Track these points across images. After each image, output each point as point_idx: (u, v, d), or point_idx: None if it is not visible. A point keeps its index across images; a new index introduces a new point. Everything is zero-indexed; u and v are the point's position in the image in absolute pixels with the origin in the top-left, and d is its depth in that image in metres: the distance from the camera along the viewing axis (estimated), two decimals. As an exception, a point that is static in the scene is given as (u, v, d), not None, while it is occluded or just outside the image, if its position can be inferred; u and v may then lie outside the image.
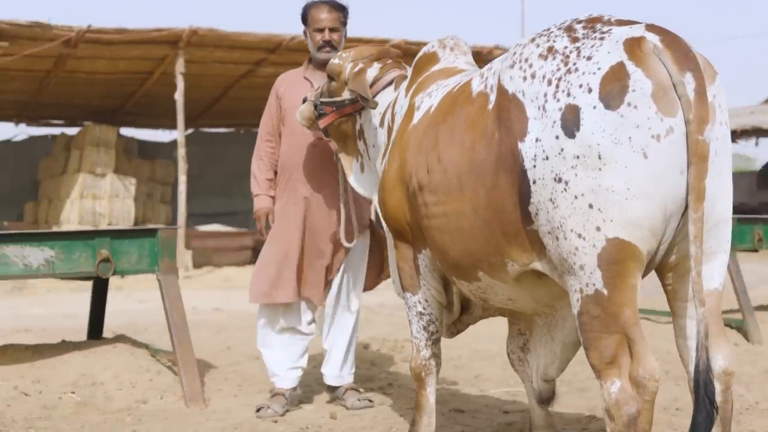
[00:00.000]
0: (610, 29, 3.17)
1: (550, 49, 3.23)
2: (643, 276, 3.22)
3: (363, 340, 7.83)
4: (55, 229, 18.96)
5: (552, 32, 3.30)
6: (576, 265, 3.10)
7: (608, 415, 3.08)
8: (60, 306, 12.50)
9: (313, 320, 5.58)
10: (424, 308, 4.18)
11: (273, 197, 5.53)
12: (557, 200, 3.10)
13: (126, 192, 19.42)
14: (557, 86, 3.13)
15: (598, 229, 3.04)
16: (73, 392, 5.67)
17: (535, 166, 3.16)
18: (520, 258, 3.38)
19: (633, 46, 3.08)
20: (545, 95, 3.16)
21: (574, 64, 3.13)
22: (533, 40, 3.34)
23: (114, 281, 15.82)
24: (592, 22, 3.24)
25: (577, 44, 3.17)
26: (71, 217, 18.85)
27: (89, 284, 16.77)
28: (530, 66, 3.26)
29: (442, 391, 5.91)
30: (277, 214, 5.48)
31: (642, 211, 3.01)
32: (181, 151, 17.59)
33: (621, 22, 3.21)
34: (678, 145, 3.02)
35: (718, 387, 3.13)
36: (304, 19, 5.46)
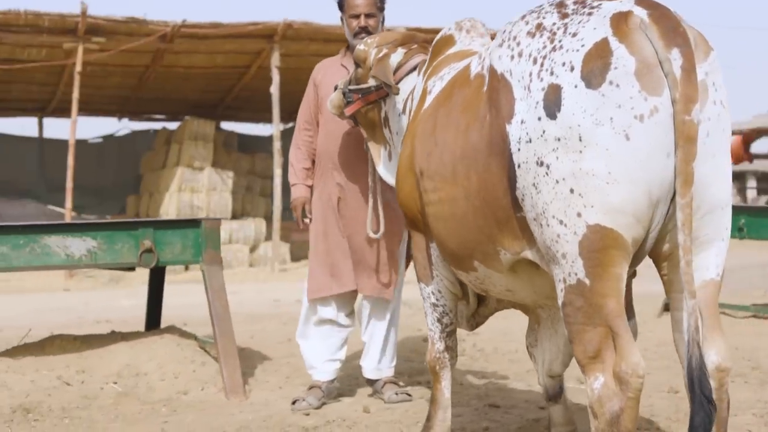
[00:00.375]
0: (600, 4, 2.98)
1: (539, 26, 3.05)
2: (634, 266, 3.03)
3: (410, 333, 7.71)
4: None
5: (543, 8, 3.13)
6: (558, 254, 2.93)
7: (592, 412, 2.89)
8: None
9: (352, 312, 5.48)
10: (437, 299, 4.04)
11: (311, 186, 5.44)
12: (539, 185, 2.94)
13: (223, 185, 19.58)
14: (542, 65, 2.96)
15: (578, 215, 2.86)
16: (116, 382, 5.67)
17: (519, 150, 3.00)
18: (511, 246, 3.22)
19: (619, 21, 2.89)
20: (530, 74, 2.99)
21: (560, 41, 2.95)
22: (524, 17, 3.17)
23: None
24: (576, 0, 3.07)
25: (566, 20, 3.00)
26: (170, 211, 19.08)
27: (185, 275, 16.95)
28: (518, 44, 3.09)
29: (488, 384, 5.75)
30: (314, 204, 5.39)
31: (624, 196, 2.82)
32: (277, 145, 17.69)
33: None
34: (664, 125, 2.82)
35: (711, 384, 2.91)
36: (341, 5, 5.35)
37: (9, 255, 5.49)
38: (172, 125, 22.52)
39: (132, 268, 6.05)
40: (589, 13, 2.96)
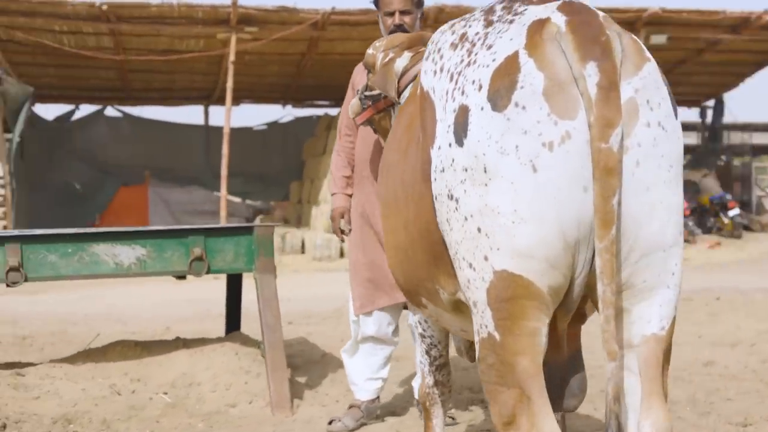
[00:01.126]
0: (526, 9, 2.59)
1: (462, 37, 2.69)
2: (564, 317, 2.63)
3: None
4: (313, 209, 19.39)
5: (474, 15, 2.76)
6: (471, 301, 2.58)
7: None
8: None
9: (397, 328, 5.18)
10: (424, 330, 3.71)
11: (351, 195, 5.17)
12: (451, 221, 2.59)
13: (380, 171, 19.46)
14: (456, 82, 2.60)
15: (485, 258, 2.49)
16: (166, 393, 5.57)
17: (435, 179, 2.66)
18: (447, 285, 2.87)
19: (535, 30, 2.49)
20: (447, 93, 2.64)
21: (476, 54, 2.58)
22: (453, 25, 2.81)
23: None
24: (513, 2, 2.67)
25: (488, 29, 2.62)
26: (327, 197, 19.11)
27: (320, 265, 16.82)
28: (441, 57, 2.74)
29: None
30: (352, 215, 5.12)
31: (532, 238, 2.43)
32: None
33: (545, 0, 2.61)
34: (579, 154, 2.41)
35: None
36: (376, 2, 5.04)
37: (57, 263, 5.44)
38: (334, 111, 22.61)
39: (183, 277, 5.93)
40: (511, 21, 2.58)
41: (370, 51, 4.32)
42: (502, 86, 2.45)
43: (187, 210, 21.53)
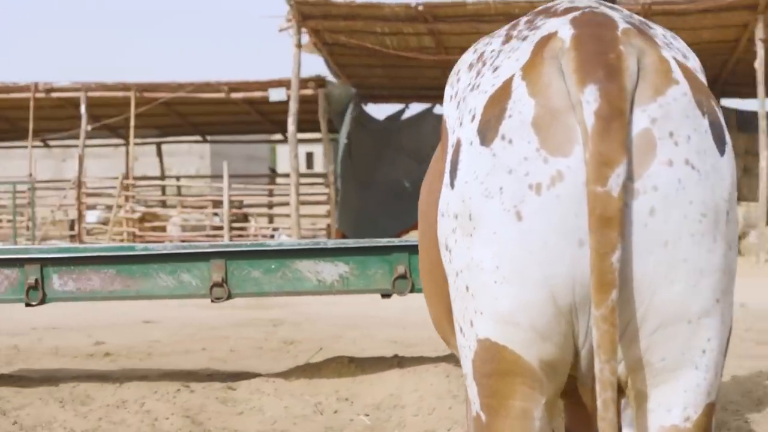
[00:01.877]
0: (545, 22, 2.14)
1: (480, 56, 2.27)
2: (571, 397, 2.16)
3: None
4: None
5: (502, 29, 2.33)
6: (463, 371, 2.18)
7: None
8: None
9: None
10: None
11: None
12: (449, 275, 2.20)
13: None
14: (460, 110, 2.21)
15: (471, 323, 2.08)
16: (367, 414, 5.41)
17: (439, 225, 2.28)
18: (451, 341, 2.47)
19: (539, 48, 2.05)
20: (453, 123, 2.25)
21: (482, 77, 2.17)
22: (480, 41, 2.39)
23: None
24: (539, 14, 2.22)
25: (503, 47, 2.18)
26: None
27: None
28: (458, 80, 2.33)
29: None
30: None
31: (515, 302, 2.00)
32: (762, 124, 16.33)
33: (570, 10, 2.14)
34: (573, 199, 1.95)
35: None
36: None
37: (261, 280, 5.43)
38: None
39: (388, 295, 5.72)
40: (525, 38, 2.14)
41: None
42: (493, 116, 2.04)
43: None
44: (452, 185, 2.13)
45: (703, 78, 2.14)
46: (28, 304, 5.47)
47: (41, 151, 29.30)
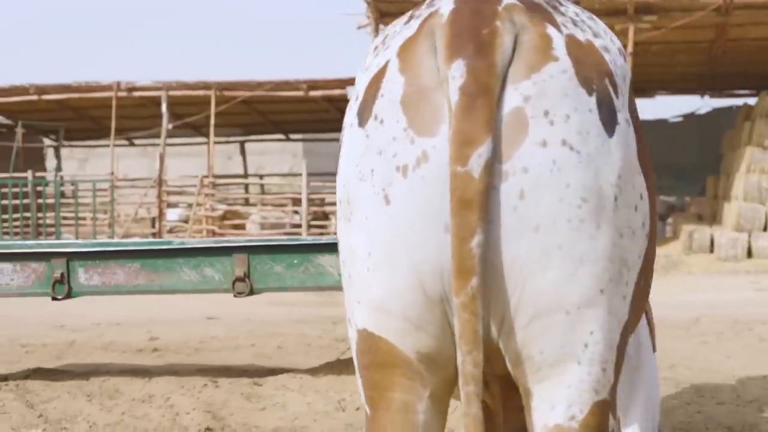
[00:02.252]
0: (440, 0, 2.02)
1: (385, 38, 2.17)
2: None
3: None
4: (725, 206, 18.20)
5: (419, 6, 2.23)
6: None
7: None
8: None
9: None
10: None
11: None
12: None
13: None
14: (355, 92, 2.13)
15: (353, 314, 2.01)
16: (388, 412, 5.31)
17: None
18: None
19: (422, 25, 1.96)
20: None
21: (376, 57, 2.08)
22: (390, 24, 2.29)
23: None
24: None
25: (403, 27, 2.08)
26: (738, 193, 17.84)
27: (724, 266, 15.73)
28: (364, 62, 2.25)
29: None
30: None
31: (386, 289, 1.91)
32: None
33: None
34: (439, 181, 1.85)
35: None
36: None
37: (283, 275, 5.37)
38: (754, 100, 21.11)
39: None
40: (419, 16, 2.03)
41: None
42: (369, 96, 1.96)
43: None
44: (338, 170, 2.07)
45: (617, 59, 1.99)
46: (54, 298, 5.48)
47: (134, 149, 29.69)
